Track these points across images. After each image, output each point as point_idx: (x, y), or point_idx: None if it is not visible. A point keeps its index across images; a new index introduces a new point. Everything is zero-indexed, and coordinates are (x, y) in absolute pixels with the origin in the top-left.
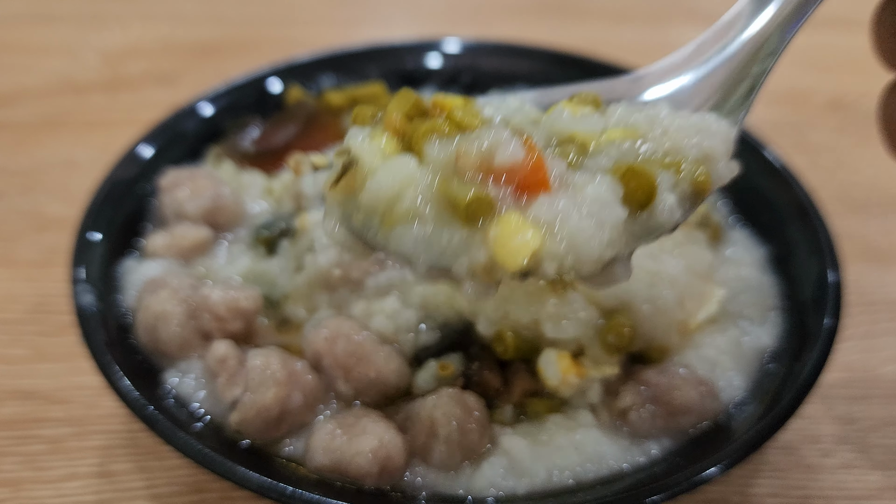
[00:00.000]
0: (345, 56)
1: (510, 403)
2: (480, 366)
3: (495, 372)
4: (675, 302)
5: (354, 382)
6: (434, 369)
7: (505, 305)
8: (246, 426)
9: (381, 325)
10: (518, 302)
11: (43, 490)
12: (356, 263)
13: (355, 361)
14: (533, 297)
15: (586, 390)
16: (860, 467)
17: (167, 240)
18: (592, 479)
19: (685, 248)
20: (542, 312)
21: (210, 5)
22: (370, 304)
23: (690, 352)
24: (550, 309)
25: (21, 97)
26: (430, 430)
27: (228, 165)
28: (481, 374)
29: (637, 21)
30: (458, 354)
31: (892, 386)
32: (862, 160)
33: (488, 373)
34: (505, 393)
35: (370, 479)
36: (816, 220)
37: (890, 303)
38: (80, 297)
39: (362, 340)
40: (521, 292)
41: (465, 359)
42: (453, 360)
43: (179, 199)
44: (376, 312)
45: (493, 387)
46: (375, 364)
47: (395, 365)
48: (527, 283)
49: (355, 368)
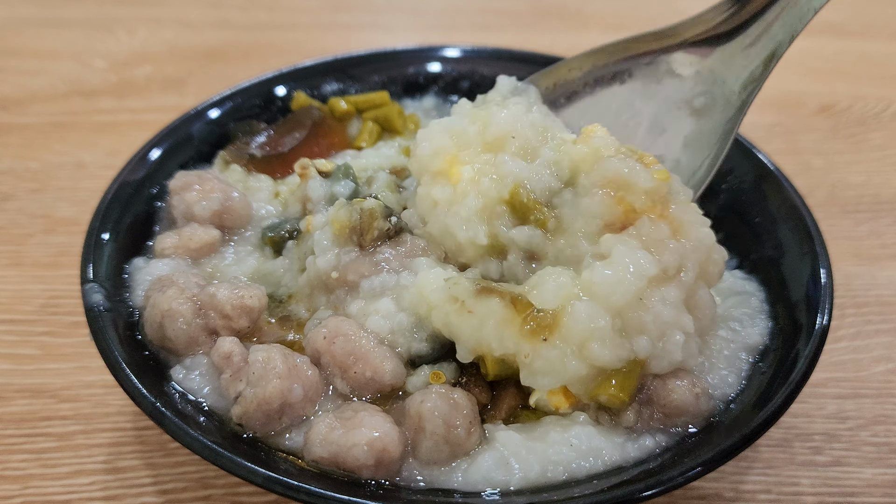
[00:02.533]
0: (348, 62)
1: (499, 420)
2: (469, 381)
3: (483, 388)
4: (682, 357)
5: (351, 381)
6: (426, 376)
7: (478, 335)
8: (247, 419)
9: (377, 325)
10: (490, 336)
11: (51, 486)
12: (353, 266)
13: (353, 361)
14: (506, 333)
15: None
16: (851, 464)
17: (176, 240)
18: (586, 474)
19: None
20: (518, 353)
21: (216, 11)
22: (366, 304)
23: None
24: (523, 358)
25: (30, 101)
26: (418, 425)
27: (236, 169)
28: (469, 389)
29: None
30: (452, 365)
31: (882, 385)
32: (853, 164)
33: (476, 388)
34: (493, 409)
35: (366, 470)
36: (808, 222)
37: (880, 303)
38: (89, 296)
39: (360, 340)
40: (492, 325)
41: (458, 370)
42: (446, 370)
43: (188, 202)
44: (372, 313)
45: (481, 402)
46: (372, 363)
47: (391, 365)
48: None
49: (353, 367)
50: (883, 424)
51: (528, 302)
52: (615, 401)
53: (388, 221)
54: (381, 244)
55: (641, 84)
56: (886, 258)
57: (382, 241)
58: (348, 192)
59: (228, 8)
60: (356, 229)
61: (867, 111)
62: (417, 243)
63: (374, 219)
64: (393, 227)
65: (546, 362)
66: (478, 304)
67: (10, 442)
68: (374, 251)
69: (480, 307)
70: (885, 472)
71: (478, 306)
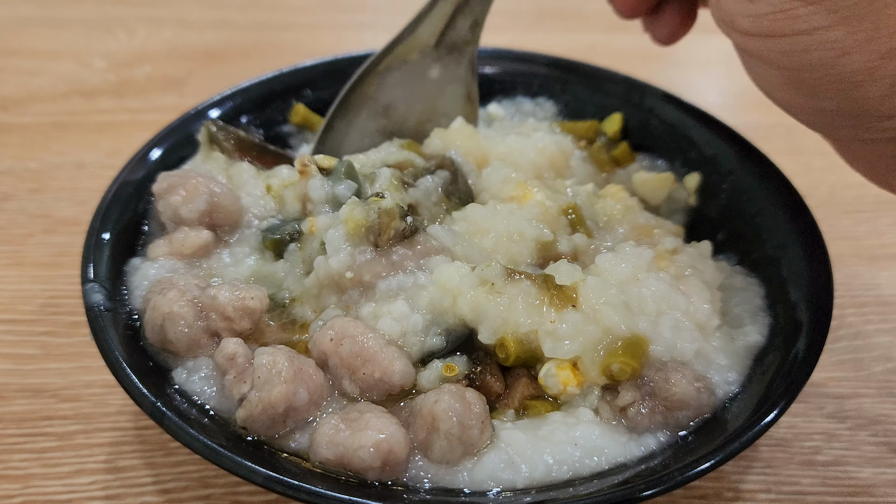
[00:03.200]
0: (348, 62)
1: (511, 408)
2: (483, 370)
3: (497, 377)
4: (691, 354)
5: (360, 383)
6: (439, 370)
7: (505, 314)
8: (252, 423)
9: (388, 328)
10: (518, 313)
11: (52, 485)
12: (368, 267)
13: (361, 363)
14: (533, 309)
15: (587, 394)
16: (851, 464)
17: (167, 247)
18: (589, 473)
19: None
20: (542, 326)
21: (215, 11)
22: (379, 306)
23: None
24: (549, 326)
25: (30, 101)
26: (432, 425)
27: (219, 158)
28: (483, 378)
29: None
30: (463, 357)
31: (882, 384)
32: None
33: (490, 377)
34: (506, 398)
35: (372, 472)
36: (808, 222)
37: (881, 303)
38: (89, 295)
39: (368, 341)
40: (521, 302)
41: (470, 362)
42: (458, 363)
43: (174, 205)
44: (384, 314)
45: (494, 391)
46: (381, 365)
47: (400, 366)
48: (528, 292)
49: (361, 369)
50: (883, 424)
51: (554, 279)
52: (626, 369)
53: (404, 221)
54: (396, 244)
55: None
56: (886, 258)
57: (398, 241)
58: (350, 192)
59: (228, 8)
60: (373, 229)
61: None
62: (432, 242)
63: (391, 218)
64: (409, 226)
65: (570, 325)
66: (508, 286)
67: (11, 441)
68: (389, 251)
69: (511, 288)
70: (885, 472)
71: (508, 287)
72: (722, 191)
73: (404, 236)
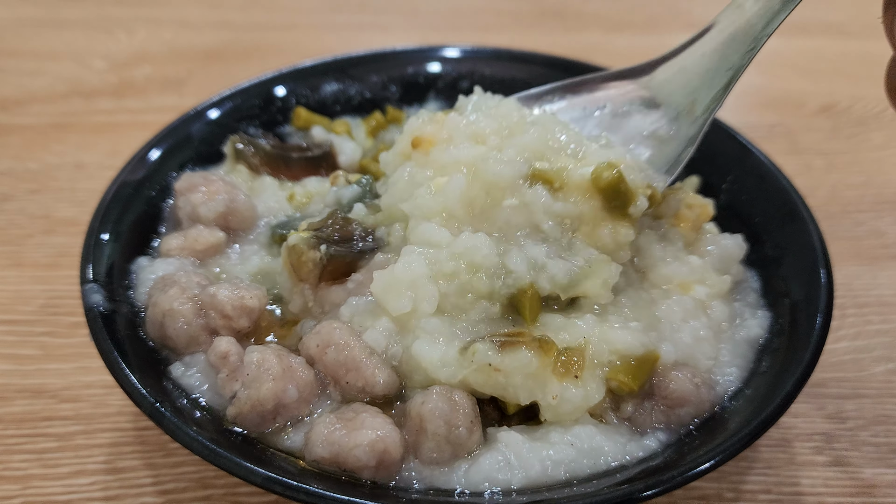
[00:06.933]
0: (347, 62)
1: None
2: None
3: (494, 405)
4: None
5: (343, 390)
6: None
7: (502, 390)
8: (241, 419)
9: (374, 340)
10: (518, 388)
11: (51, 486)
12: (320, 300)
13: (345, 372)
14: (534, 382)
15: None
16: (851, 465)
17: (181, 241)
18: (588, 473)
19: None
20: (544, 400)
21: (216, 11)
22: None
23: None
24: (551, 401)
25: (29, 101)
26: (420, 426)
27: (242, 170)
28: (482, 409)
29: (632, 28)
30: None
31: (882, 385)
32: (853, 163)
33: (488, 406)
34: (503, 423)
35: (367, 471)
36: (808, 222)
37: (881, 303)
38: (89, 296)
39: (352, 351)
40: (520, 374)
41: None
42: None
43: (194, 203)
44: (369, 328)
45: (492, 419)
46: (363, 374)
47: (383, 376)
48: (528, 365)
49: (344, 378)
50: (883, 424)
51: (553, 343)
52: (624, 388)
53: (318, 251)
54: (335, 276)
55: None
56: (887, 258)
57: (335, 269)
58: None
59: (228, 8)
60: (296, 268)
61: (868, 111)
62: (382, 260)
63: (299, 254)
64: (324, 255)
65: (572, 402)
66: (505, 360)
67: (11, 442)
68: (331, 283)
69: (508, 361)
70: (885, 472)
71: (505, 361)
72: (722, 191)
73: (325, 266)
